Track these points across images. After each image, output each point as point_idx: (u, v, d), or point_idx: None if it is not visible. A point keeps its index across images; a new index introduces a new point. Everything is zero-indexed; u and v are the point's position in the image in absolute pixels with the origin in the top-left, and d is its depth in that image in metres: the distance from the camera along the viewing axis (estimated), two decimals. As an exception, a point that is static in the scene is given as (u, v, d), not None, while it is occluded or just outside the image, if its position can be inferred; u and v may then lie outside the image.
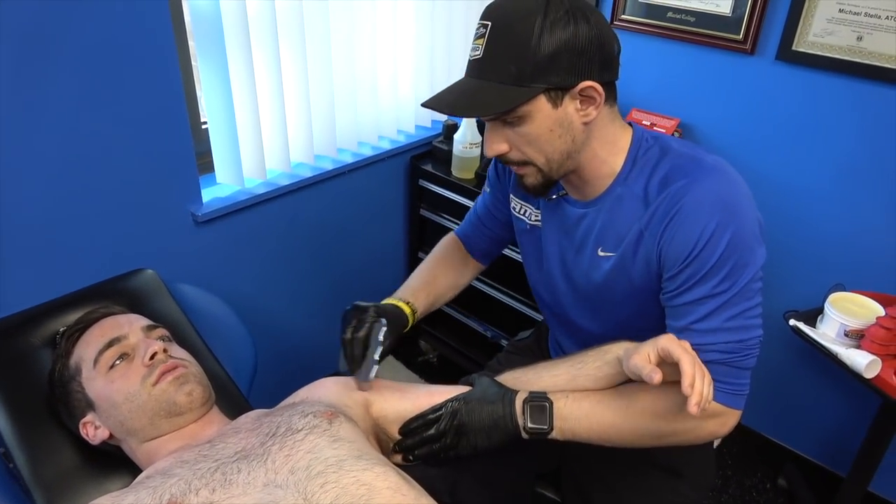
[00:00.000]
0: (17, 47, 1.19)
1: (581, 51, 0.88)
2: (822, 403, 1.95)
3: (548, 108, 0.91)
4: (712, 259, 0.90)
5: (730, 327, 0.92)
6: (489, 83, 0.90)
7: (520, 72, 0.88)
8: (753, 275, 0.92)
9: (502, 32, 0.88)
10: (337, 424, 0.89)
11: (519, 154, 0.96)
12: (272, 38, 1.60)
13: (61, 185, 1.34)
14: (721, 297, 0.91)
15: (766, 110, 1.79)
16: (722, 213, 0.90)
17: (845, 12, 1.56)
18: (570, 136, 0.94)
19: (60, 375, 0.98)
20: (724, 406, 0.93)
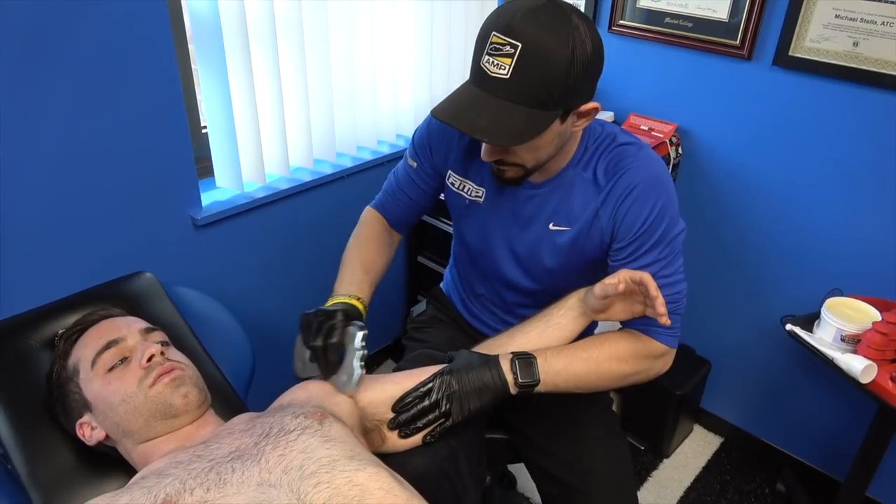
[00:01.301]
0: (18, 51, 1.20)
1: (595, 74, 0.98)
2: (820, 408, 1.95)
3: (557, 125, 0.98)
4: (657, 231, 1.07)
5: (668, 283, 1.08)
6: (516, 106, 0.92)
7: (548, 98, 0.92)
8: (681, 240, 1.11)
9: (535, 58, 0.89)
10: (327, 425, 0.90)
11: (515, 158, 1.04)
12: (271, 43, 1.61)
13: (61, 188, 1.35)
14: (663, 261, 1.08)
15: (763, 115, 1.79)
16: (661, 193, 1.07)
17: (841, 18, 1.57)
18: (561, 143, 1.06)
19: (58, 376, 0.99)
20: (668, 347, 1.12)
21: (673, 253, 1.09)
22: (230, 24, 1.50)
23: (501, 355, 1.06)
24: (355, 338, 1.04)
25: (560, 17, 0.91)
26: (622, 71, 2.05)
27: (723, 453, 2.18)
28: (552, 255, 1.19)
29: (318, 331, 1.05)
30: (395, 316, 2.43)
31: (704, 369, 2.13)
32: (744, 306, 2.03)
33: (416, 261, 2.32)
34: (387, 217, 1.39)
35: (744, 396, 2.14)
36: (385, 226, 1.39)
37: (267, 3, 1.56)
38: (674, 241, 1.09)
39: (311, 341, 1.05)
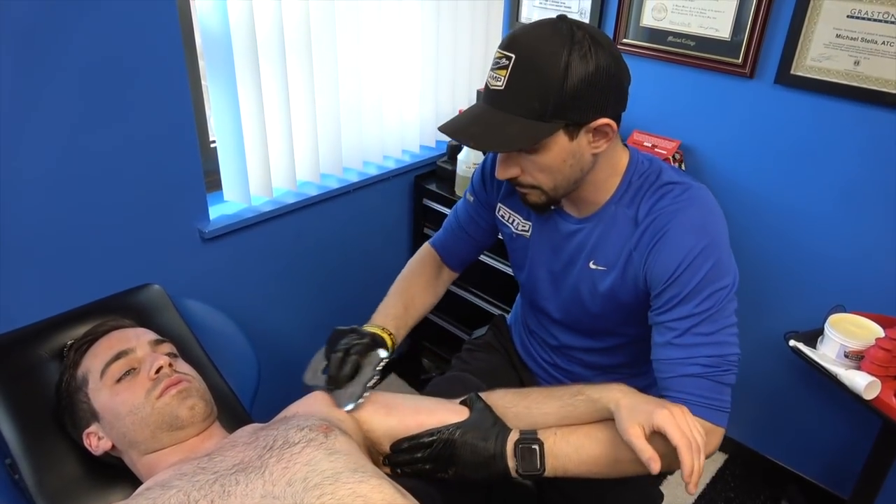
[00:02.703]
0: (29, 68, 1.23)
1: (601, 88, 0.92)
2: (824, 425, 1.95)
3: (564, 141, 0.95)
4: (694, 281, 0.96)
5: (709, 342, 0.97)
6: (511, 116, 0.93)
7: (543, 108, 0.91)
8: (730, 296, 0.99)
9: (527, 68, 0.90)
10: (333, 438, 0.90)
11: (530, 179, 1.01)
12: (280, 59, 1.63)
13: (72, 200, 1.37)
14: (701, 315, 0.97)
15: (765, 133, 1.81)
16: (704, 239, 0.97)
17: (842, 37, 1.59)
18: (580, 166, 0.99)
19: (67, 386, 1.00)
20: (708, 423, 0.95)
21: (716, 308, 0.96)
22: (240, 41, 1.53)
23: (511, 433, 0.96)
24: (374, 363, 1.05)
25: (561, 31, 0.91)
26: (626, 88, 2.07)
27: (727, 470, 2.17)
28: (591, 296, 1.12)
29: (342, 344, 1.07)
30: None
31: (708, 385, 2.13)
32: (747, 322, 2.01)
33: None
34: (442, 254, 1.37)
35: (747, 413, 2.14)
36: (437, 263, 1.38)
37: (276, 20, 1.59)
38: (716, 293, 0.96)
39: (334, 350, 1.06)
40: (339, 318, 1.48)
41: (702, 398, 0.95)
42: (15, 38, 1.19)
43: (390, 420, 1.03)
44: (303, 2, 1.64)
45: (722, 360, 0.97)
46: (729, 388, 0.98)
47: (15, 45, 1.19)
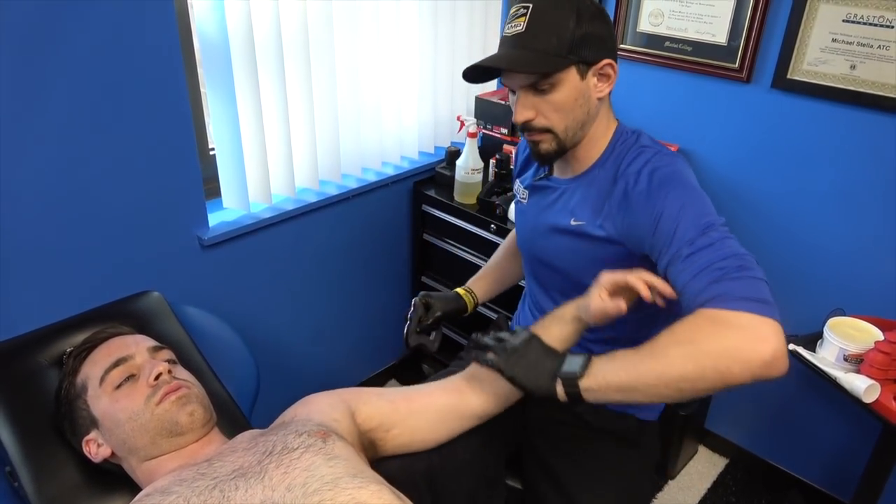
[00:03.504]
0: (27, 76, 1.24)
1: (603, 38, 1.08)
2: (825, 429, 1.95)
3: (576, 80, 1.07)
4: (679, 219, 1.00)
5: (718, 249, 0.94)
6: (532, 52, 1.05)
7: (559, 43, 1.04)
8: (724, 229, 0.99)
9: (544, 12, 1.05)
10: (331, 443, 0.91)
11: (544, 121, 1.10)
12: (278, 66, 1.64)
13: (71, 207, 1.37)
14: (698, 237, 0.97)
15: (762, 137, 1.81)
16: (680, 186, 1.05)
17: (838, 42, 1.60)
18: (587, 108, 1.11)
19: (67, 393, 1.00)
20: (751, 314, 0.85)
21: (711, 229, 0.97)
22: (238, 48, 1.54)
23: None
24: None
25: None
26: (623, 93, 2.08)
27: (728, 475, 2.16)
28: (573, 253, 1.19)
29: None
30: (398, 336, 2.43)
31: (708, 390, 2.13)
32: (747, 326, 2.03)
33: (419, 280, 2.33)
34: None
35: (748, 417, 2.14)
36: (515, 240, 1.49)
37: (274, 26, 1.60)
38: (707, 225, 0.97)
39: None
40: (338, 324, 1.49)
41: (735, 295, 0.87)
42: (13, 45, 1.20)
43: (381, 401, 1.06)
44: (300, 9, 1.65)
45: (739, 259, 0.92)
46: (763, 282, 0.90)
47: (13, 52, 1.20)
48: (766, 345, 0.83)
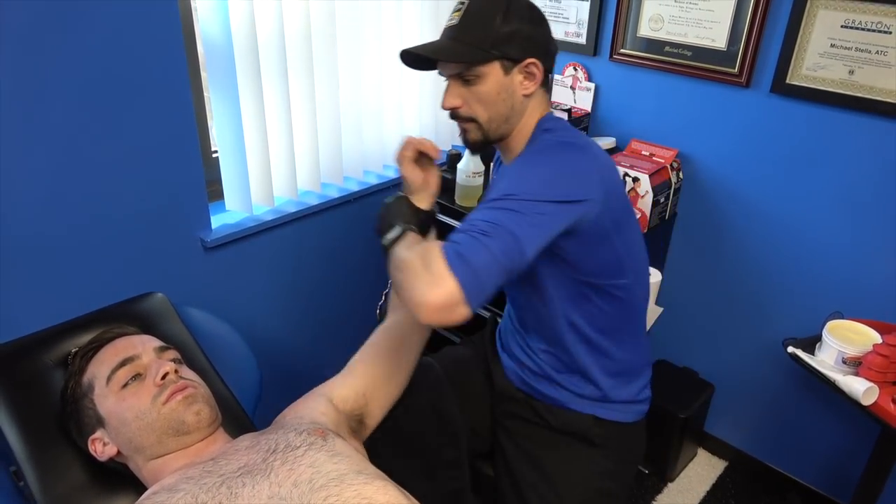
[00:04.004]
0: (31, 79, 1.25)
1: (530, 38, 1.13)
2: (823, 431, 1.95)
3: (500, 74, 1.13)
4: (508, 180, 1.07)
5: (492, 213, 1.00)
6: (461, 43, 1.12)
7: (485, 38, 1.10)
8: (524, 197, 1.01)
9: (475, 8, 1.12)
10: (331, 441, 0.93)
11: (468, 110, 1.17)
12: (281, 69, 1.65)
13: (75, 210, 1.38)
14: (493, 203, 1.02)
15: (762, 141, 1.83)
16: (540, 160, 1.12)
17: (837, 47, 1.61)
18: (511, 103, 1.16)
19: (73, 392, 1.01)
20: (447, 267, 0.92)
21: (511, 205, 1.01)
22: (242, 51, 1.55)
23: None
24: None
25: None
26: (623, 98, 2.10)
27: (727, 477, 2.17)
28: None
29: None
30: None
31: (707, 392, 2.14)
32: (746, 329, 2.05)
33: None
34: None
35: (747, 420, 2.15)
36: None
37: (277, 30, 1.61)
38: (509, 196, 1.02)
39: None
40: (339, 326, 1.50)
41: (455, 246, 0.96)
42: (18, 47, 1.21)
43: (347, 378, 1.15)
44: (303, 12, 1.66)
45: (493, 226, 0.97)
46: (485, 249, 0.95)
47: (18, 53, 1.21)
48: (431, 293, 0.91)
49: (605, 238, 1.13)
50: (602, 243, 1.13)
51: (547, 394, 1.31)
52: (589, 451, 1.30)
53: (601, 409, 1.29)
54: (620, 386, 1.29)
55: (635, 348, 1.31)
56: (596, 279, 1.17)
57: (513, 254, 0.96)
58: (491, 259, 0.94)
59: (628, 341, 1.28)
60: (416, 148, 1.19)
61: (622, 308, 1.23)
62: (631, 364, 1.30)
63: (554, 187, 1.05)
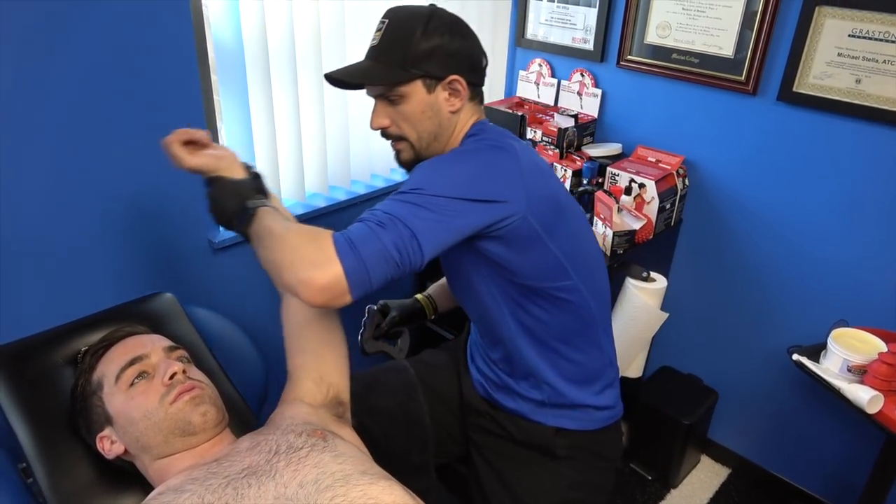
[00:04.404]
0: (43, 81, 1.26)
1: (452, 54, 1.11)
2: (828, 439, 1.95)
3: (423, 93, 1.11)
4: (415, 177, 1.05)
5: (393, 204, 1.00)
6: (381, 64, 1.11)
7: (404, 57, 1.09)
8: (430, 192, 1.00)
9: (395, 27, 1.11)
10: (332, 441, 0.94)
11: (397, 129, 1.16)
12: (291, 74, 1.67)
13: (85, 209, 1.39)
14: (398, 195, 1.02)
15: (768, 149, 1.83)
16: (449, 158, 1.10)
17: (844, 56, 1.62)
18: (438, 120, 1.14)
19: (83, 390, 1.02)
20: (335, 249, 0.93)
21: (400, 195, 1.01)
22: (253, 55, 1.56)
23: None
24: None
25: (424, 8, 1.12)
26: (630, 104, 2.10)
27: (730, 484, 2.17)
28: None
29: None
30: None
31: (711, 399, 2.14)
32: (750, 336, 2.05)
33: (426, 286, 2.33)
34: None
35: (751, 427, 2.15)
36: None
37: (288, 34, 1.62)
38: (415, 190, 1.01)
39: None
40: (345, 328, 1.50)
41: (347, 232, 0.96)
42: (31, 49, 1.22)
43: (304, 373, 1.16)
44: (314, 17, 1.67)
45: (390, 218, 0.97)
46: (377, 239, 0.94)
47: (31, 55, 1.22)
48: (316, 273, 0.91)
49: (534, 242, 1.09)
50: (533, 247, 1.10)
51: (507, 406, 1.30)
52: (553, 465, 1.27)
53: (562, 418, 1.26)
54: (578, 390, 1.25)
55: (592, 351, 1.26)
56: (536, 282, 1.14)
57: (407, 249, 0.95)
58: (381, 251, 0.94)
59: (583, 344, 1.24)
60: (181, 140, 1.11)
61: (572, 310, 1.19)
62: (589, 368, 1.26)
63: (468, 185, 1.02)
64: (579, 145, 2.15)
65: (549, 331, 1.20)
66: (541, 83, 2.30)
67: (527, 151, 1.14)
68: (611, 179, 1.93)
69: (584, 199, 1.93)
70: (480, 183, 1.03)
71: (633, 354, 1.85)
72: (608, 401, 1.29)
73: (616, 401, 1.31)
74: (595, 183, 1.98)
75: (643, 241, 1.87)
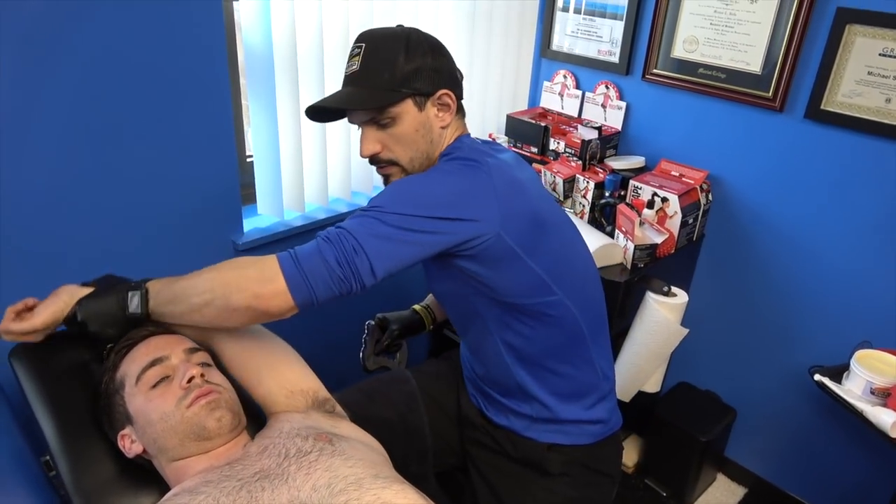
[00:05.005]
0: (84, 81, 1.29)
1: (436, 70, 1.12)
2: (848, 462, 1.92)
3: (414, 111, 1.11)
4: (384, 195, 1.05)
5: (348, 223, 1.02)
6: (365, 88, 1.09)
7: (391, 77, 1.08)
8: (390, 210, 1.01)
9: (375, 50, 1.10)
10: (339, 444, 0.95)
11: (389, 154, 1.13)
12: (319, 79, 1.69)
13: (114, 209, 1.42)
14: (358, 212, 1.04)
15: (794, 167, 1.82)
16: (420, 178, 1.09)
17: (874, 75, 1.60)
18: (430, 137, 1.14)
19: (107, 387, 1.03)
20: (276, 261, 0.98)
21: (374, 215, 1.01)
22: (282, 60, 1.59)
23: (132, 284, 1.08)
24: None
25: (397, 29, 1.13)
26: (654, 117, 2.10)
27: (746, 504, 2.15)
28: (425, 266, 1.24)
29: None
30: (419, 347, 2.45)
31: (729, 417, 2.12)
32: (771, 355, 2.03)
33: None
34: None
35: (769, 447, 2.12)
36: None
37: (317, 41, 1.64)
38: (374, 209, 1.02)
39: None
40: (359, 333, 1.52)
41: (291, 250, 1.00)
42: (73, 50, 1.25)
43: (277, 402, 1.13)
44: (343, 23, 1.69)
45: (340, 232, 1.00)
46: (317, 254, 0.98)
47: (73, 56, 1.25)
48: (269, 284, 0.97)
49: (512, 260, 1.07)
50: (510, 265, 1.08)
51: (500, 422, 1.29)
52: (547, 482, 1.26)
53: (554, 434, 1.24)
54: (567, 406, 1.23)
55: (582, 365, 1.23)
56: (516, 299, 1.13)
57: (352, 264, 0.98)
58: (321, 266, 0.97)
59: (572, 358, 1.21)
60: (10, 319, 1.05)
61: (557, 324, 1.17)
62: (579, 382, 1.24)
63: (434, 203, 1.02)
64: (602, 157, 2.15)
65: (534, 346, 1.18)
66: (565, 94, 2.30)
67: (505, 167, 1.10)
68: (633, 192, 1.92)
69: (605, 211, 1.93)
70: (447, 201, 1.03)
71: (652, 369, 1.84)
72: (601, 414, 1.26)
73: (610, 414, 1.29)
74: (617, 195, 1.97)
75: (665, 255, 1.86)
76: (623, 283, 1.73)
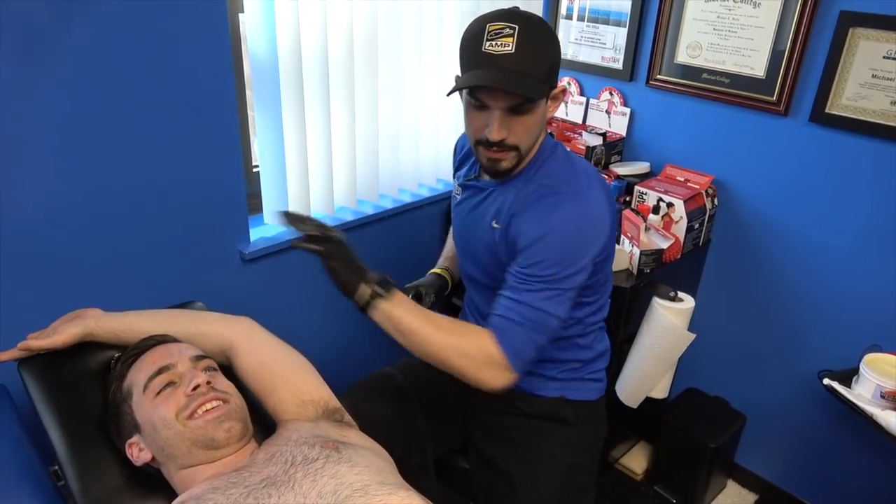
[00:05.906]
0: (89, 90, 1.30)
1: (559, 62, 1.15)
2: (858, 467, 1.91)
3: (543, 103, 1.14)
4: (541, 253, 1.13)
5: (535, 302, 1.13)
6: (527, 76, 1.07)
7: (549, 68, 1.09)
8: (567, 282, 1.13)
9: (535, 34, 1.07)
10: (346, 452, 0.95)
11: (514, 139, 1.14)
12: (324, 90, 1.70)
13: (120, 218, 1.43)
14: (538, 279, 1.13)
15: (799, 170, 1.81)
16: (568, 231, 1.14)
17: (878, 77, 1.60)
18: (542, 127, 1.19)
19: (114, 397, 1.04)
20: (506, 359, 1.12)
21: (552, 279, 1.12)
22: (287, 70, 1.60)
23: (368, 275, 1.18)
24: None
25: (533, 15, 1.10)
26: (658, 123, 2.10)
27: (757, 510, 2.13)
28: (489, 252, 1.28)
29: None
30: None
31: (739, 423, 2.10)
32: (780, 360, 2.01)
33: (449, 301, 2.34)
34: None
35: (779, 452, 2.10)
36: None
37: (321, 51, 1.65)
38: (553, 277, 1.12)
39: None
40: (371, 340, 1.52)
41: (509, 340, 1.13)
42: (76, 58, 1.26)
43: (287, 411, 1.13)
44: (347, 34, 1.71)
45: (539, 314, 1.13)
46: (533, 344, 1.14)
47: (69, 68, 1.27)
48: (494, 383, 1.14)
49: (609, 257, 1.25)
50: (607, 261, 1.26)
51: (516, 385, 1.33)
52: (563, 429, 1.36)
53: (567, 390, 1.36)
54: (583, 368, 1.38)
55: (600, 337, 1.41)
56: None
57: (553, 332, 1.16)
58: (537, 349, 1.15)
59: (595, 331, 1.38)
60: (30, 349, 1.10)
61: (595, 304, 1.32)
62: (594, 351, 1.39)
63: (587, 247, 1.14)
64: (607, 163, 2.15)
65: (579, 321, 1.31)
66: (569, 101, 2.30)
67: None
68: (638, 198, 1.92)
69: (611, 217, 1.93)
70: (593, 239, 1.16)
71: (660, 375, 1.83)
72: (600, 374, 1.42)
73: (604, 374, 1.44)
74: (622, 201, 1.97)
75: (671, 260, 1.86)
76: (629, 288, 1.73)
